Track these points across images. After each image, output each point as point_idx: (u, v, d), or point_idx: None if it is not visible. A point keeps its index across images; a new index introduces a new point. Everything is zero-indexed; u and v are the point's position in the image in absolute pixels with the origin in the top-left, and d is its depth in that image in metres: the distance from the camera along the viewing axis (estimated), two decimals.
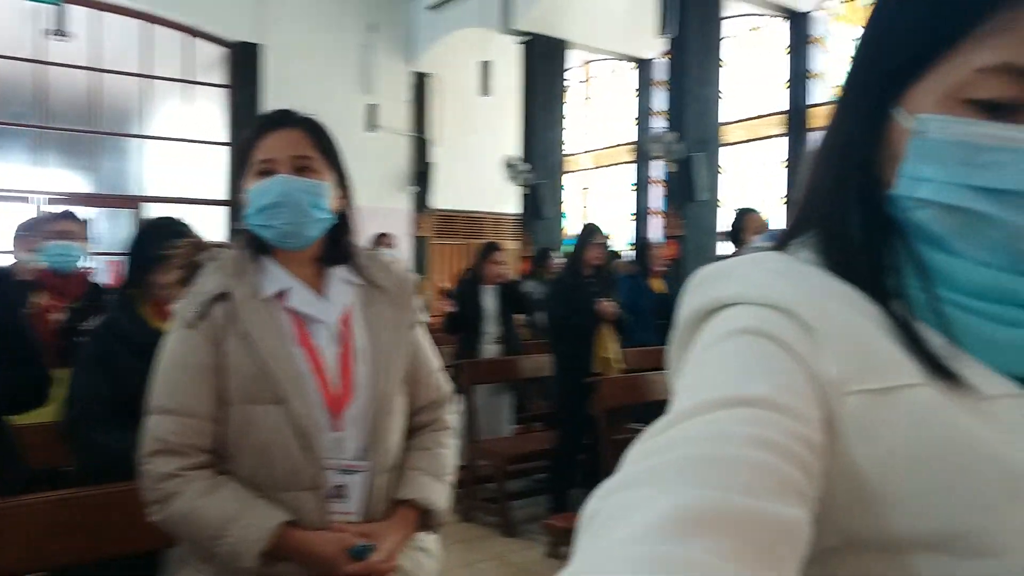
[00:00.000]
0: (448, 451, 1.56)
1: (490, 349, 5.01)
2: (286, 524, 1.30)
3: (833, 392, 0.49)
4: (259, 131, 1.42)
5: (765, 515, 0.40)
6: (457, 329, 5.14)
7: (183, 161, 10.56)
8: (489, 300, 5.01)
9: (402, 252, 10.19)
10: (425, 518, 1.46)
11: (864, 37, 0.60)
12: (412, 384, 1.53)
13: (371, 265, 1.53)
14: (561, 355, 4.60)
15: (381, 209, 11.02)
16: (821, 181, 0.61)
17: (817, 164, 0.62)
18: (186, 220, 2.25)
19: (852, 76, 0.60)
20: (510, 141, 11.46)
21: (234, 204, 1.50)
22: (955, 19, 0.51)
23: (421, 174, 12.73)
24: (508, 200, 12.16)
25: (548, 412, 5.49)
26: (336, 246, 1.50)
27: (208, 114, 10.81)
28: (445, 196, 12.80)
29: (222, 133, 10.84)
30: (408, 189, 12.74)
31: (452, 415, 1.62)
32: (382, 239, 7.45)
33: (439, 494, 1.47)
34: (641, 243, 6.21)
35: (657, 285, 5.63)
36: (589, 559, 0.39)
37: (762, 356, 0.50)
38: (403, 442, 1.50)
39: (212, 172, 10.59)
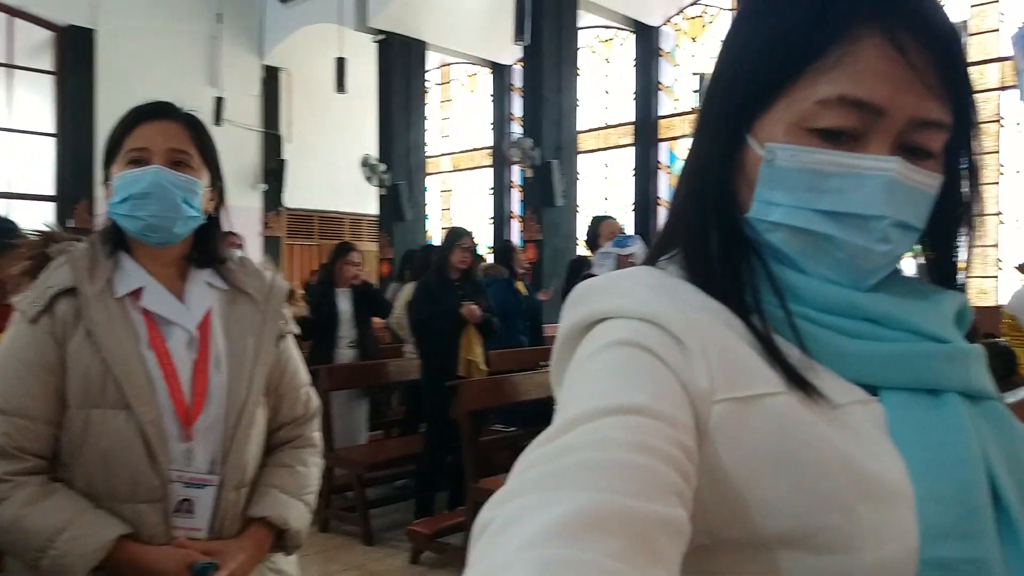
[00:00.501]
0: (310, 470, 1.48)
1: (345, 354, 4.83)
2: (124, 538, 1.21)
3: (702, 401, 0.52)
4: (135, 119, 1.36)
5: (650, 515, 0.42)
6: (309, 334, 4.97)
7: (3, 153, 9.64)
8: (344, 303, 4.85)
9: (250, 253, 9.77)
10: (280, 538, 1.38)
11: (717, 67, 0.63)
12: (276, 397, 1.45)
13: (240, 270, 1.46)
14: (426, 358, 4.56)
15: (229, 207, 10.52)
16: (684, 202, 0.64)
17: (680, 185, 0.65)
18: (10, 217, 2.05)
19: (708, 103, 0.63)
20: (369, 140, 11.27)
21: (62, 200, 1.38)
22: (797, 55, 0.55)
23: (273, 171, 12.30)
24: (367, 200, 11.96)
25: (405, 417, 5.41)
26: (203, 248, 1.43)
27: (32, 103, 9.93)
28: (299, 195, 12.43)
29: (49, 124, 10.00)
30: (259, 187, 12.27)
31: (317, 432, 1.54)
32: (228, 239, 7.07)
33: (296, 514, 1.39)
34: (505, 247, 6.21)
35: (521, 288, 5.71)
36: (483, 568, 0.39)
37: (639, 366, 0.52)
38: (261, 457, 1.43)
39: (38, 166, 9.73)
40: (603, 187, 11.84)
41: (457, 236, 4.52)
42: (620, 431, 0.46)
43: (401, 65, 10.89)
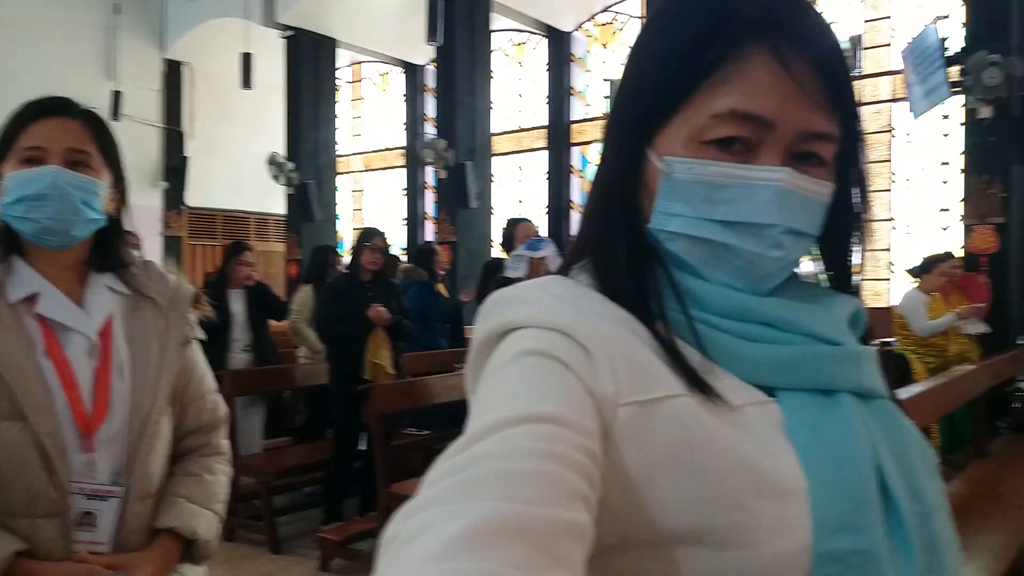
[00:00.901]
0: (218, 478, 1.44)
1: (239, 358, 4.63)
2: (19, 554, 1.17)
3: (608, 405, 0.53)
4: (30, 116, 1.29)
5: (553, 521, 0.43)
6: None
7: None
8: (237, 305, 4.67)
9: (149, 253, 9.37)
10: (189, 549, 1.36)
11: (621, 82, 0.65)
12: (181, 405, 1.41)
13: (143, 274, 1.41)
14: (332, 361, 4.45)
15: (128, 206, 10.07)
16: (592, 213, 0.66)
17: (590, 196, 0.67)
18: None
19: (612, 118, 0.65)
20: (276, 138, 10.98)
21: None
22: (690, 72, 0.58)
23: (174, 169, 11.83)
24: (274, 200, 11.64)
25: (308, 423, 5.23)
26: (104, 251, 1.38)
27: None
28: (202, 193, 12.00)
29: None
30: (159, 185, 11.78)
31: (225, 440, 1.50)
32: (125, 239, 6.73)
33: (206, 523, 1.37)
34: (426, 248, 6.09)
35: (442, 290, 5.66)
36: None
37: (548, 376, 0.53)
38: (168, 467, 1.38)
39: None
40: (517, 190, 11.89)
41: (368, 236, 4.43)
42: (529, 440, 0.48)
43: (310, 62, 10.65)
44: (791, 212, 0.58)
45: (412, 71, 12.37)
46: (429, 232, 11.99)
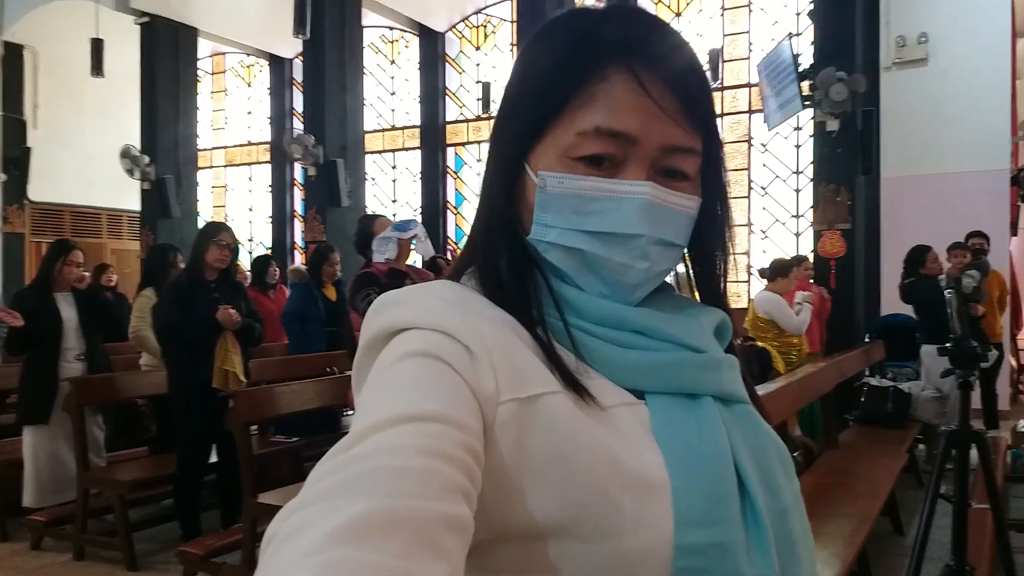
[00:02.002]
0: None
1: (73, 367, 4.27)
2: None
3: (489, 403, 0.55)
4: None
5: (434, 514, 0.45)
6: (24, 346, 4.21)
7: None
8: (67, 309, 4.29)
9: None
10: None
11: (501, 101, 0.69)
12: None
13: None
14: (174, 369, 4.04)
15: None
16: (477, 222, 0.69)
17: (478, 205, 0.70)
18: None
19: (493, 133, 0.69)
20: (130, 130, 10.30)
21: None
22: (558, 93, 0.62)
23: (14, 160, 10.89)
24: (128, 195, 10.93)
25: (158, 433, 4.82)
26: None
27: None
28: (47, 187, 11.12)
29: None
30: None
31: None
32: None
33: None
34: (321, 250, 5.72)
35: (331, 294, 5.43)
36: None
37: (432, 376, 0.55)
38: None
39: None
40: (390, 189, 11.71)
41: (213, 231, 4.05)
42: (412, 438, 0.49)
43: (168, 51, 10.09)
44: (656, 224, 0.62)
45: (279, 64, 11.94)
46: (298, 231, 11.61)
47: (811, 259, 6.62)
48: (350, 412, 4.99)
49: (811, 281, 6.07)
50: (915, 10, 7.53)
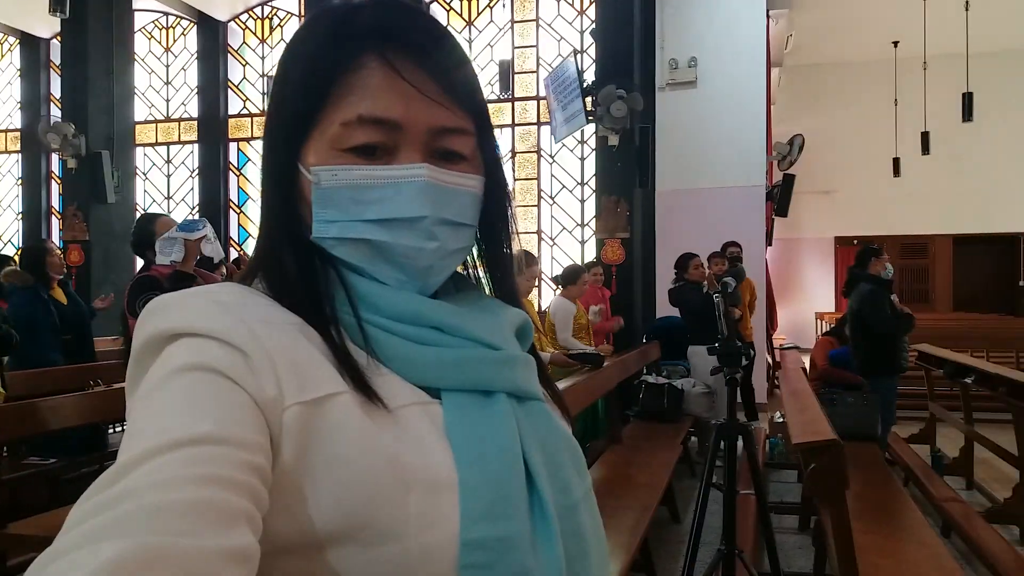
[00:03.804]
0: None
1: None
2: None
3: (273, 410, 0.53)
4: None
5: (207, 550, 0.42)
6: None
7: None
8: None
9: None
10: None
11: (268, 101, 0.69)
12: None
13: None
14: None
15: None
16: (260, 225, 0.68)
17: (260, 207, 0.69)
18: None
19: (265, 133, 0.68)
20: None
21: None
22: (317, 86, 0.62)
23: None
24: None
25: None
26: None
27: None
28: None
29: None
30: None
31: None
32: None
33: None
34: (35, 248, 5.11)
35: (60, 296, 4.82)
36: None
37: (204, 391, 0.52)
38: None
39: None
40: (164, 185, 10.86)
41: None
42: (182, 466, 0.46)
43: None
44: (438, 204, 0.62)
45: (32, 43, 10.69)
46: (55, 229, 10.45)
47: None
48: (120, 428, 4.54)
49: (601, 285, 6.37)
50: (686, 35, 8.18)
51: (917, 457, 4.54)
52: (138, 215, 8.58)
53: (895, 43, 13.20)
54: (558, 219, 10.08)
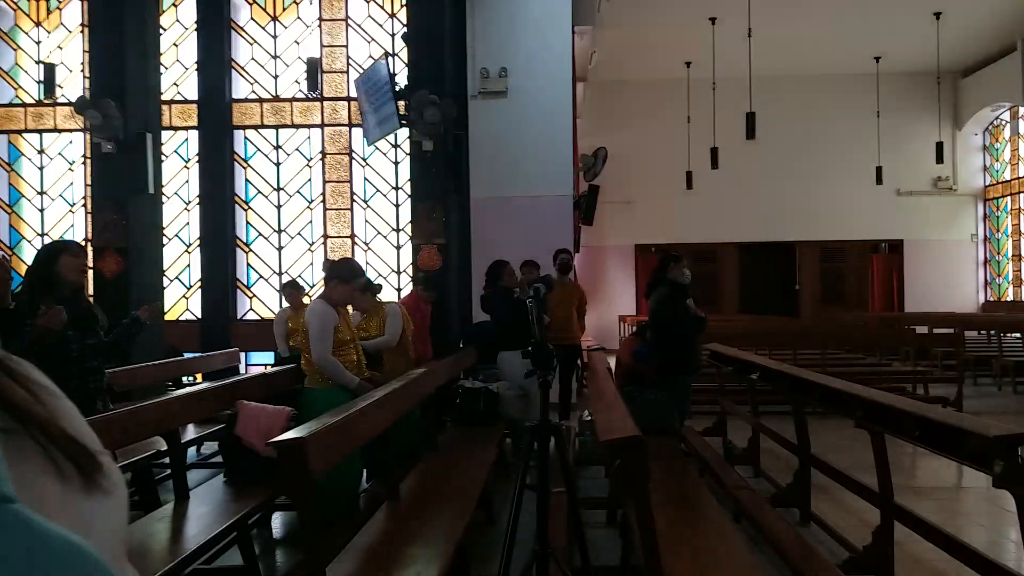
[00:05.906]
0: None
1: None
2: None
3: None
4: None
5: None
6: None
7: None
8: None
9: None
10: None
11: None
12: None
13: None
14: None
15: None
16: None
17: None
18: None
19: None
20: None
21: None
22: None
23: None
24: None
25: None
26: None
27: None
28: None
29: None
30: None
31: None
32: None
33: None
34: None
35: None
36: None
37: None
38: None
39: None
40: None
41: None
42: None
43: None
44: None
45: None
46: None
47: (409, 271, 6.86)
48: None
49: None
50: (497, 45, 8.31)
51: (711, 448, 4.86)
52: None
53: (688, 63, 14.23)
54: (373, 224, 9.92)
